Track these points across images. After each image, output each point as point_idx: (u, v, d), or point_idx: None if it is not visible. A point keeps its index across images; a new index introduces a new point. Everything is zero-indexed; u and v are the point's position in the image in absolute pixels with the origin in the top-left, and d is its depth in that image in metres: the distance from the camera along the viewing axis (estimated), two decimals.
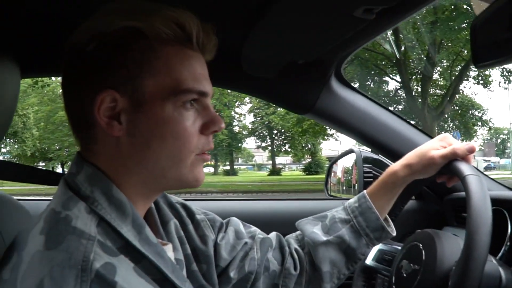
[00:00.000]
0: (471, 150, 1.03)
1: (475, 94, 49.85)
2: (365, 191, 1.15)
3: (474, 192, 0.89)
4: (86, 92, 0.76)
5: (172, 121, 0.77)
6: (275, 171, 36.88)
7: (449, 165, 1.04)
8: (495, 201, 1.29)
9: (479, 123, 24.86)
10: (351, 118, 1.55)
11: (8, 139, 25.18)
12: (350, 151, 1.92)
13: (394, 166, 1.12)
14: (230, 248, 1.08)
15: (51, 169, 21.82)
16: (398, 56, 18.18)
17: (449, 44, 18.39)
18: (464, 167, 0.98)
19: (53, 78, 21.57)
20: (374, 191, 1.14)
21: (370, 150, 1.82)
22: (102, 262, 0.66)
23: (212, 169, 41.92)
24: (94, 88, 0.75)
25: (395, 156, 1.14)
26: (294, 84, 1.49)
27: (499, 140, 66.76)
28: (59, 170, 23.50)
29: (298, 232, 1.21)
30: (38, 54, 1.32)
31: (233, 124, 36.33)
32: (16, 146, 25.93)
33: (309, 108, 1.53)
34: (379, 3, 0.97)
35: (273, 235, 1.18)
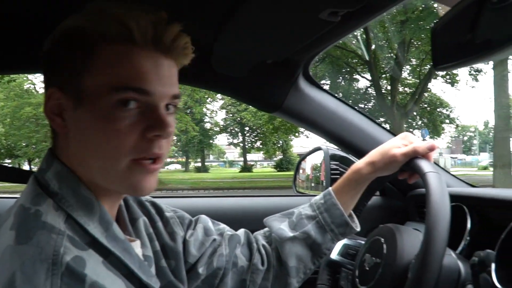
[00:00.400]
0: (431, 148, 1.07)
1: (444, 92, 50.82)
2: (330, 188, 1.17)
3: (433, 189, 0.92)
4: (45, 88, 0.80)
5: (106, 120, 0.75)
6: (246, 167, 36.89)
7: (410, 162, 1.07)
8: (455, 197, 1.33)
9: (447, 121, 25.31)
10: (318, 117, 1.58)
11: None
12: (318, 148, 1.95)
13: (358, 164, 1.15)
14: (198, 244, 1.09)
15: (17, 166, 21.31)
16: (366, 56, 18.36)
17: (419, 43, 18.67)
18: (424, 165, 1.02)
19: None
20: (339, 188, 1.17)
21: (338, 148, 1.85)
22: (72, 256, 0.67)
23: (178, 166, 41.55)
24: (47, 85, 0.79)
25: (360, 153, 1.18)
26: (263, 83, 1.52)
27: (466, 138, 68.25)
28: (26, 167, 22.93)
29: (266, 228, 1.23)
30: (8, 52, 1.31)
31: (205, 120, 36.10)
32: None
33: (277, 107, 1.56)
34: (344, 6, 0.99)
35: (241, 231, 1.20)
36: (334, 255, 1.44)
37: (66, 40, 0.77)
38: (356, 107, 1.66)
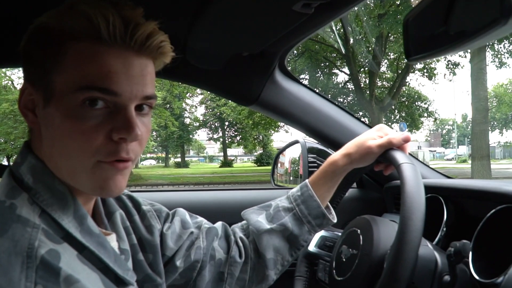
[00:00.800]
0: (406, 140, 1.08)
1: (422, 86, 51.43)
2: (307, 180, 1.18)
3: (408, 179, 0.93)
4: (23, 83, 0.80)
5: (74, 119, 0.73)
6: (226, 162, 36.85)
7: (385, 154, 1.08)
8: (431, 189, 1.35)
9: (425, 114, 25.59)
10: (295, 110, 1.58)
11: None
12: (296, 142, 1.96)
13: (334, 156, 1.16)
14: (176, 237, 1.09)
15: None
16: (343, 50, 18.45)
17: (396, 36, 18.84)
18: (399, 156, 1.02)
19: None
20: (315, 180, 1.17)
21: (315, 141, 1.86)
22: (47, 249, 0.67)
23: (153, 162, 41.28)
24: (23, 81, 0.79)
25: (337, 146, 1.18)
26: (239, 76, 1.51)
27: (444, 131, 69.28)
28: (5, 163, 22.54)
29: (243, 221, 1.23)
30: None
31: (184, 116, 35.96)
32: None
33: (253, 100, 1.55)
34: None
35: (219, 224, 1.20)
36: (312, 247, 1.45)
37: (38, 37, 0.77)
38: (333, 100, 1.66)
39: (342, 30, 17.64)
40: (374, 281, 0.98)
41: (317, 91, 1.63)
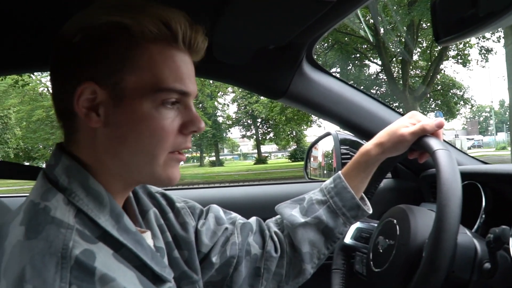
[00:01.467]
0: (440, 125, 1.05)
1: (457, 73, 50.27)
2: (340, 171, 1.16)
3: (443, 166, 0.91)
4: (68, 82, 0.77)
5: (149, 119, 0.77)
6: (261, 159, 36.91)
7: (419, 141, 1.05)
8: (469, 175, 1.31)
9: (461, 102, 25.06)
10: (325, 101, 1.56)
11: None
12: (328, 134, 1.94)
13: (367, 146, 1.14)
14: (211, 234, 1.09)
15: None
16: (372, 41, 18.20)
17: (428, 24, 18.47)
18: (433, 142, 1.00)
19: (33, 77, 21.25)
20: (348, 171, 1.15)
21: (347, 132, 1.84)
22: (81, 249, 0.67)
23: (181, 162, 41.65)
24: (76, 79, 0.76)
25: (369, 136, 1.15)
26: (266, 69, 1.50)
27: (481, 118, 67.54)
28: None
29: (277, 216, 1.23)
30: (12, 51, 1.30)
31: (217, 114, 36.20)
32: None
33: (282, 93, 1.54)
34: None
35: (253, 219, 1.20)
36: (348, 239, 1.43)
37: (106, 34, 0.75)
38: (363, 90, 1.64)
39: (371, 21, 17.41)
40: (412, 271, 0.95)
41: (345, 80, 1.60)
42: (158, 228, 0.98)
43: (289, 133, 33.56)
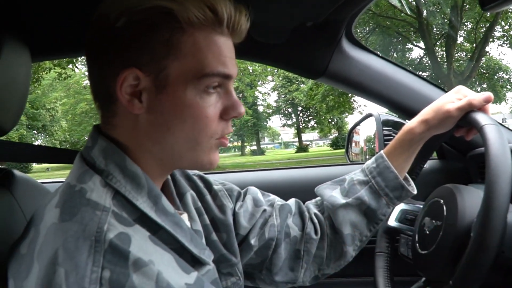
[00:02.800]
0: (488, 100, 1.00)
1: (504, 55, 48.55)
2: (382, 151, 1.12)
3: (492, 141, 0.86)
4: (110, 68, 0.75)
5: (193, 105, 0.76)
6: (302, 148, 36.85)
7: (465, 117, 1.00)
8: None
9: (508, 85, 24.21)
10: (365, 79, 1.51)
11: (38, 133, 25.77)
12: (369, 115, 1.89)
13: (411, 123, 1.09)
14: (249, 216, 1.08)
15: None
16: (415, 24, 17.74)
17: (472, 5, 17.87)
18: (481, 118, 0.95)
19: (76, 70, 21.84)
20: (391, 150, 1.11)
21: (389, 112, 1.78)
22: (116, 232, 0.66)
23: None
24: (118, 65, 0.74)
25: (413, 115, 1.11)
26: (304, 48, 1.45)
27: None
28: None
29: (317, 197, 1.20)
30: (47, 35, 1.31)
31: (257, 103, 36.30)
32: (46, 139, 26.46)
33: (321, 72, 1.50)
34: None
35: (292, 201, 1.17)
36: (392, 221, 1.39)
37: (151, 19, 0.73)
38: (405, 67, 1.58)
39: (413, 3, 16.99)
40: (460, 253, 0.91)
41: (387, 57, 1.55)
42: (195, 210, 0.98)
43: (330, 120, 33.31)
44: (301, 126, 36.98)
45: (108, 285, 0.61)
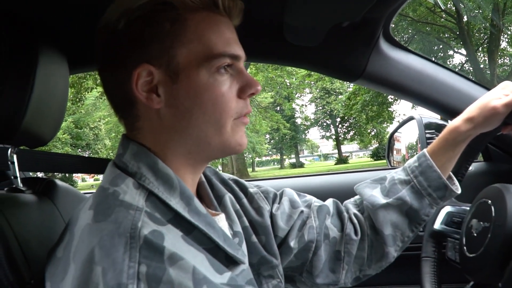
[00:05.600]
0: None
1: None
2: (425, 149, 1.09)
3: None
4: (122, 70, 0.77)
5: (209, 88, 0.77)
6: (342, 159, 36.43)
7: None
8: None
9: None
10: (406, 80, 1.47)
11: (83, 151, 26.49)
12: (411, 118, 1.84)
13: (455, 122, 1.06)
14: (286, 217, 1.07)
15: None
16: (455, 29, 17.38)
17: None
18: None
19: None
20: (434, 149, 1.08)
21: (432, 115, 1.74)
22: (150, 229, 0.66)
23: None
24: (129, 65, 0.76)
25: (456, 114, 1.07)
26: (340, 49, 1.43)
27: None
28: None
29: (356, 197, 1.18)
30: (84, 48, 1.34)
31: (295, 116, 36.29)
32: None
33: (358, 74, 1.47)
34: None
35: (329, 201, 1.16)
36: (438, 224, 1.35)
37: (150, 14, 0.75)
38: (448, 66, 1.53)
39: (454, 8, 16.69)
40: (510, 255, 0.89)
41: (427, 56, 1.50)
42: (235, 213, 0.98)
43: (369, 131, 32.88)
44: (340, 138, 36.65)
45: (146, 279, 0.61)
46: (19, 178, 1.02)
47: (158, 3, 0.75)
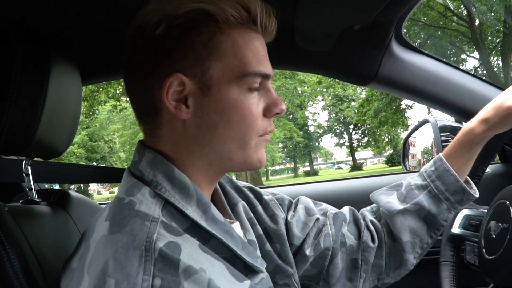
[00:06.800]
0: None
1: None
2: (441, 153, 1.08)
3: None
4: (153, 77, 0.75)
5: (238, 105, 0.77)
6: (356, 166, 36.23)
7: None
8: None
9: None
10: (419, 82, 1.46)
11: (98, 164, 26.73)
12: (425, 121, 1.83)
13: (470, 124, 1.05)
14: (301, 225, 1.05)
15: None
16: (467, 33, 17.25)
17: None
18: None
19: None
20: (450, 152, 1.07)
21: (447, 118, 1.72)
22: (166, 241, 0.66)
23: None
24: (162, 72, 0.74)
25: (471, 116, 1.06)
26: (352, 53, 1.43)
27: None
28: None
29: (373, 204, 1.16)
30: (96, 59, 1.35)
31: (308, 124, 36.22)
32: None
33: (371, 78, 1.46)
34: None
35: (346, 209, 1.14)
36: (455, 228, 1.33)
37: (191, 23, 0.74)
38: (462, 68, 1.51)
39: (465, 12, 16.59)
40: None
41: (441, 58, 1.49)
42: (248, 221, 0.97)
43: (383, 137, 32.68)
44: (354, 145, 36.48)
45: None
46: (34, 190, 1.03)
47: (201, 14, 0.74)
